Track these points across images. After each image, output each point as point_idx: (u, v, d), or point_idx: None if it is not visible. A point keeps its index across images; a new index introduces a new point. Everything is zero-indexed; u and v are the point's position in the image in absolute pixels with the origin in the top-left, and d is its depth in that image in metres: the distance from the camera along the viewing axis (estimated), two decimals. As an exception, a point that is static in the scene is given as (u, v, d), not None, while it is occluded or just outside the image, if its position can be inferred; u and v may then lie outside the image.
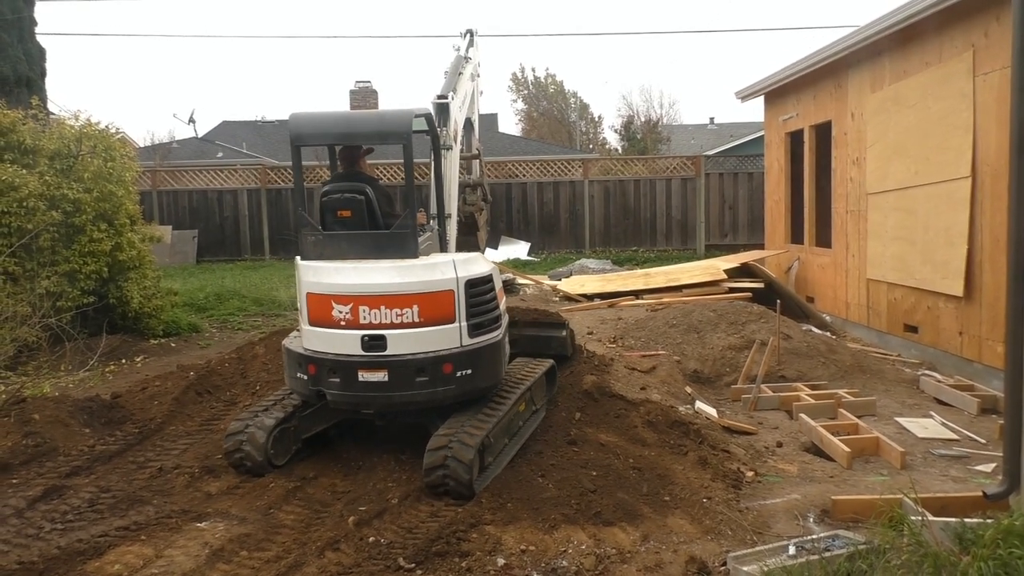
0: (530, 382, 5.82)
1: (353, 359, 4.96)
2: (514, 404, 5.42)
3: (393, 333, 4.92)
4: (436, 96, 6.00)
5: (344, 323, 4.97)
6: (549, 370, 6.30)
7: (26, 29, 15.28)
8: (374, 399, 5.02)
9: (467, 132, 6.92)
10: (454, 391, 5.04)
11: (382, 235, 5.20)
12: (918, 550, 3.53)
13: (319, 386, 5.10)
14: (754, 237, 18.77)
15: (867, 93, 10.39)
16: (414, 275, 4.98)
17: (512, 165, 21.08)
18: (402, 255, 5.08)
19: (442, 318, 4.98)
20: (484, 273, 5.31)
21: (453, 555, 4.21)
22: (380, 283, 4.94)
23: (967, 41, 8.10)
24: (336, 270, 5.07)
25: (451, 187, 5.99)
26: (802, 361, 8.38)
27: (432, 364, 4.95)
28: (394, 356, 4.93)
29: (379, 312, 4.91)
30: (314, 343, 5.14)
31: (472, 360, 5.07)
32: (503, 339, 5.45)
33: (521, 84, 50.07)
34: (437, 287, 4.98)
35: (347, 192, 5.29)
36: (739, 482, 5.42)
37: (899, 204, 9.54)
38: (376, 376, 4.93)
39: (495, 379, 5.37)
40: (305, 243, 5.25)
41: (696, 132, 43.51)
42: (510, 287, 13.68)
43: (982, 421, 6.92)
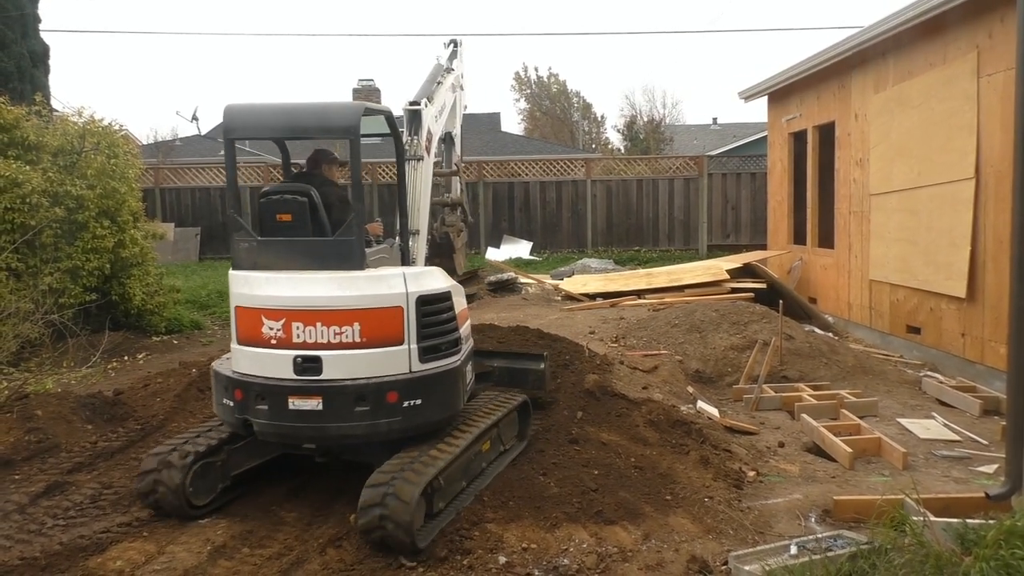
0: (496, 418, 5.15)
1: (284, 384, 4.35)
2: (474, 442, 4.82)
3: (330, 354, 4.33)
4: (408, 102, 5.58)
5: (275, 342, 4.38)
6: (522, 405, 5.60)
7: (30, 25, 15.32)
8: (305, 431, 4.39)
9: (447, 147, 6.56)
10: (400, 424, 4.42)
11: (322, 243, 4.57)
12: (920, 550, 3.53)
13: (245, 414, 4.48)
14: (757, 237, 18.75)
15: (871, 94, 10.38)
16: (356, 288, 4.39)
17: (515, 164, 21.07)
18: (346, 266, 4.47)
19: (388, 339, 4.39)
20: (440, 289, 4.74)
21: (455, 553, 4.21)
22: (316, 296, 4.37)
23: (971, 42, 8.09)
24: (268, 281, 4.49)
25: (420, 200, 5.41)
26: (804, 362, 8.38)
27: (374, 392, 4.33)
28: (330, 381, 4.33)
29: (314, 330, 4.33)
30: (242, 364, 4.53)
31: (423, 388, 4.46)
32: (462, 366, 4.81)
33: (524, 83, 50.10)
34: (382, 303, 4.39)
35: (288, 193, 4.67)
36: (741, 482, 5.43)
37: (902, 205, 9.54)
38: (309, 404, 4.31)
39: (450, 411, 4.74)
40: (237, 250, 4.69)
41: (699, 132, 43.50)
42: (512, 286, 13.71)
43: (984, 422, 6.92)
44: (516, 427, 5.57)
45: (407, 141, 5.37)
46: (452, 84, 6.37)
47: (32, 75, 15.22)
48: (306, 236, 4.57)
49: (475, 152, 27.51)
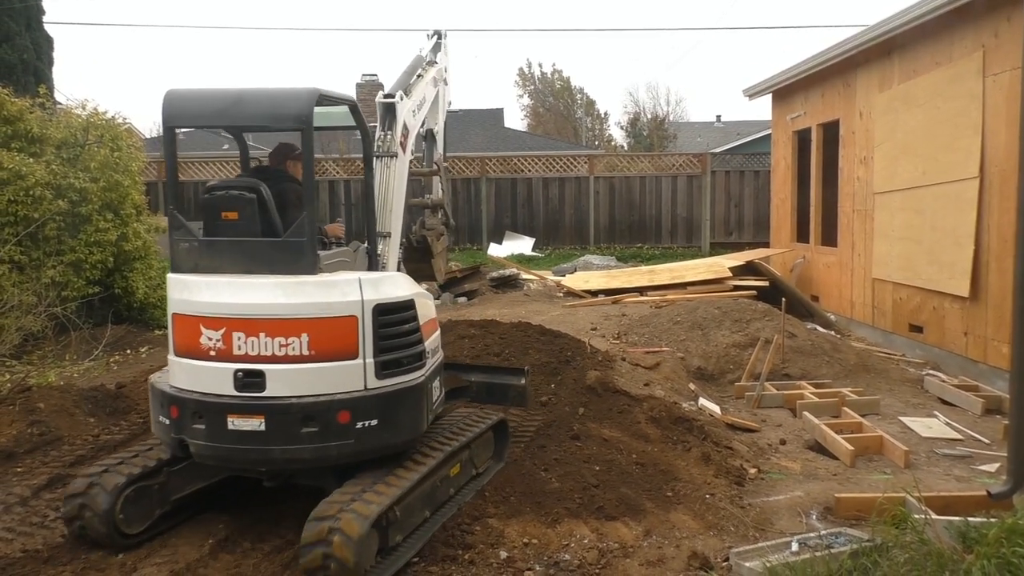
0: (467, 439, 4.76)
1: (222, 400, 3.92)
2: (440, 466, 4.42)
3: (274, 369, 3.89)
4: (382, 94, 5.21)
5: (214, 354, 3.95)
6: (498, 424, 5.20)
7: (34, 18, 15.32)
8: (246, 454, 3.95)
9: (429, 145, 6.24)
10: (352, 447, 3.97)
11: (270, 244, 4.11)
12: (921, 548, 3.54)
13: (182, 434, 4.04)
14: (759, 235, 18.75)
15: (875, 92, 10.36)
16: (304, 295, 3.95)
17: (518, 160, 21.06)
18: (296, 270, 4.03)
19: (340, 352, 3.96)
20: (401, 297, 4.30)
21: (456, 547, 4.22)
22: (259, 303, 3.92)
23: (977, 41, 8.07)
24: (207, 286, 4.05)
25: (392, 200, 5.00)
26: (806, 359, 8.38)
27: (323, 411, 3.90)
28: (274, 399, 3.89)
29: (257, 341, 3.88)
30: (179, 379, 4.11)
31: (379, 408, 4.03)
32: (427, 382, 4.36)
33: (528, 79, 50.06)
34: (334, 311, 3.95)
35: (235, 189, 4.26)
36: (742, 479, 5.43)
37: (906, 204, 9.52)
38: (250, 424, 3.88)
39: (412, 433, 4.28)
40: (177, 251, 4.25)
41: (703, 130, 43.48)
42: (514, 282, 13.70)
43: (986, 421, 6.92)
44: (492, 447, 5.18)
45: (380, 136, 5.01)
46: (434, 78, 6.01)
47: (36, 67, 15.22)
48: (255, 236, 4.13)
49: (478, 148, 27.51)
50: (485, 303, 12.44)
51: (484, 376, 5.70)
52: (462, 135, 29.94)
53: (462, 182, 20.35)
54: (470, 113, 33.78)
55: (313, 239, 4.08)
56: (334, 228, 5.06)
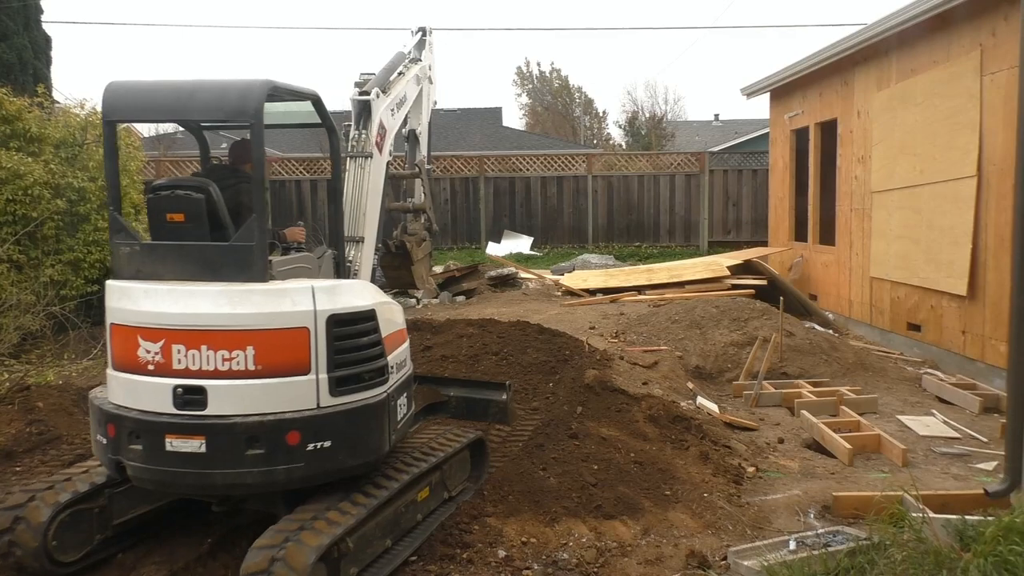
0: (437, 460, 4.45)
1: (161, 419, 3.61)
2: (403, 490, 4.13)
3: (216, 385, 3.58)
4: (357, 91, 4.97)
5: (153, 368, 3.63)
6: (475, 443, 4.96)
7: (32, 17, 15.28)
8: (186, 478, 3.62)
9: (411, 145, 5.99)
10: (303, 471, 3.66)
11: (215, 249, 3.80)
12: (919, 546, 3.54)
13: (119, 455, 3.72)
14: (758, 234, 18.75)
15: (873, 91, 10.37)
16: (250, 304, 3.63)
17: (516, 159, 21.05)
18: (244, 277, 3.71)
19: (289, 367, 3.65)
20: (360, 307, 3.95)
21: (455, 546, 4.23)
22: (200, 313, 3.60)
23: (975, 40, 8.08)
24: (146, 293, 3.73)
25: (366, 203, 4.77)
26: (804, 358, 8.39)
27: (270, 431, 3.58)
28: (216, 418, 3.58)
29: (198, 355, 3.57)
30: (117, 394, 3.81)
31: (333, 428, 3.72)
32: (390, 399, 4.05)
33: (526, 78, 50.04)
34: (282, 322, 3.64)
35: (181, 188, 3.96)
36: (740, 477, 5.44)
37: (904, 203, 9.53)
38: (189, 445, 3.56)
39: (371, 455, 3.95)
40: (117, 256, 3.94)
41: (701, 128, 43.46)
42: (512, 281, 13.71)
43: (984, 420, 6.93)
44: (468, 468, 4.90)
45: (354, 136, 4.81)
46: (417, 75, 5.75)
47: (34, 67, 15.19)
48: (203, 240, 3.84)
49: (476, 147, 27.51)
50: (483, 302, 12.45)
51: (464, 390, 5.42)
52: (460, 134, 29.94)
53: (460, 181, 20.35)
54: (468, 112, 33.77)
55: (263, 244, 3.75)
56: (294, 232, 4.75)
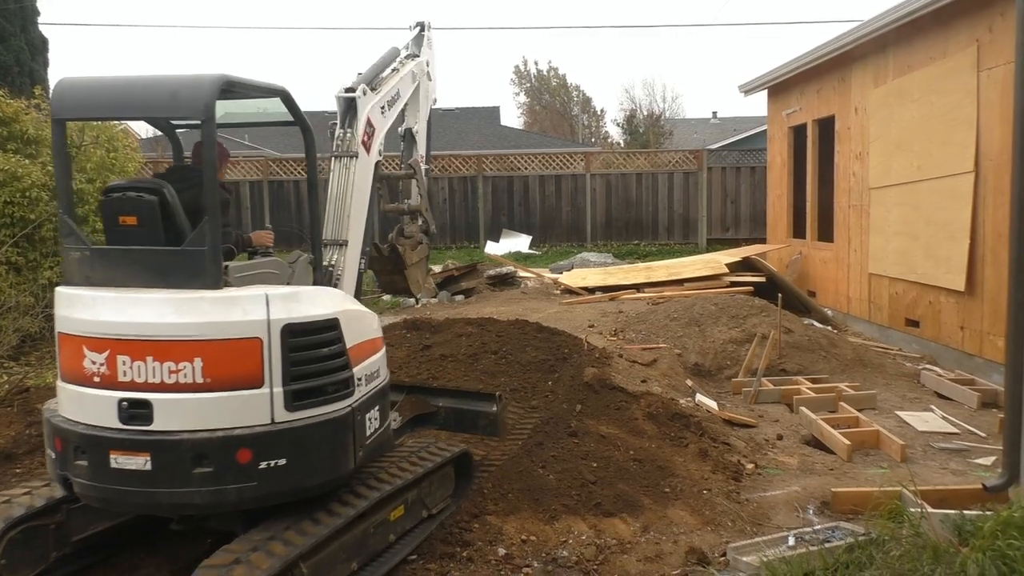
0: (413, 476, 4.20)
1: (106, 434, 3.41)
2: (371, 511, 3.89)
3: (162, 398, 3.38)
4: (343, 88, 4.78)
5: (98, 380, 3.44)
6: (459, 458, 4.70)
7: (29, 19, 15.30)
8: (131, 496, 3.43)
9: (407, 144, 5.80)
10: (255, 491, 3.44)
11: (166, 254, 3.60)
12: (917, 541, 3.55)
13: (66, 471, 3.56)
14: (756, 231, 18.76)
15: (871, 88, 10.38)
16: (197, 313, 3.41)
17: (514, 158, 21.05)
18: (197, 284, 3.51)
19: (240, 379, 3.43)
20: (320, 316, 3.70)
21: (455, 544, 4.24)
22: (145, 322, 3.40)
23: (971, 36, 8.09)
24: (91, 301, 3.54)
25: (350, 205, 4.59)
26: (803, 355, 8.39)
27: (219, 449, 3.38)
28: (162, 434, 3.37)
29: (144, 366, 3.38)
30: (66, 407, 3.64)
31: (288, 445, 3.50)
32: (355, 414, 3.81)
33: (524, 77, 50.06)
34: (233, 332, 3.42)
35: (134, 190, 3.74)
36: (739, 474, 5.45)
37: (902, 199, 9.54)
38: (134, 462, 3.37)
39: (331, 474, 3.71)
40: (68, 261, 3.76)
41: (699, 126, 43.50)
42: (511, 280, 13.71)
43: (982, 415, 6.94)
44: (451, 485, 4.66)
45: (339, 134, 4.65)
46: (412, 72, 5.55)
47: (31, 68, 15.21)
48: (157, 245, 3.64)
49: (474, 146, 27.52)
50: (482, 301, 12.46)
51: (453, 401, 5.24)
52: (458, 133, 29.94)
53: (458, 180, 20.35)
54: (466, 111, 33.77)
55: (216, 249, 3.52)
56: (260, 236, 4.57)
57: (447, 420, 5.24)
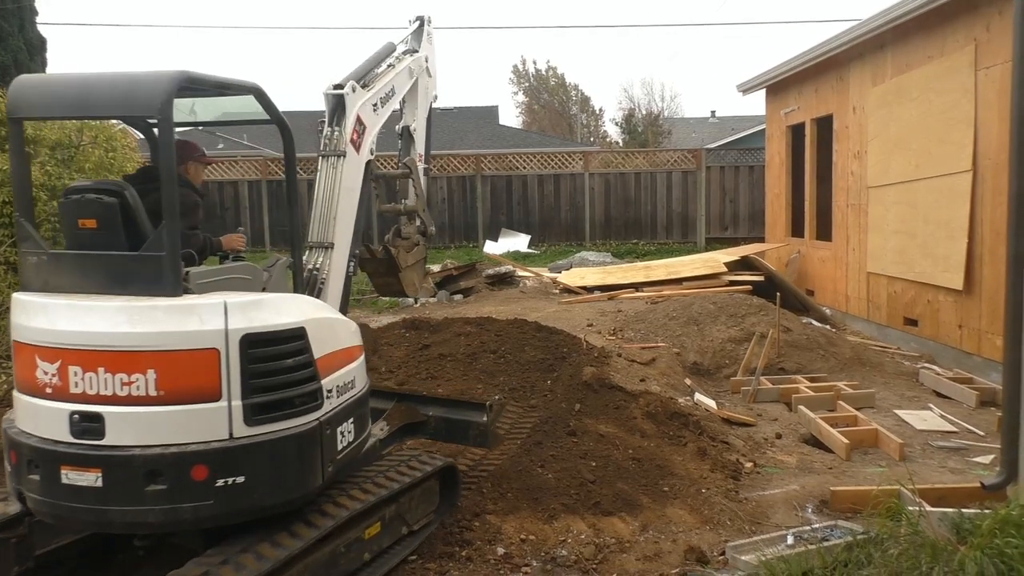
0: (389, 492, 4.00)
1: (57, 448, 3.26)
2: (340, 528, 3.69)
3: (114, 412, 3.21)
4: (332, 84, 4.61)
5: (50, 391, 3.30)
6: (444, 471, 4.50)
7: (27, 18, 15.26)
8: (82, 513, 3.27)
9: (405, 142, 5.64)
10: (212, 510, 3.26)
11: (124, 259, 3.43)
12: (916, 540, 3.55)
13: (19, 484, 3.43)
14: (755, 230, 18.78)
15: (869, 87, 10.38)
16: (151, 322, 3.24)
17: (513, 158, 21.06)
18: (155, 291, 3.34)
19: (196, 393, 3.25)
20: (283, 326, 3.49)
21: (454, 544, 4.24)
22: (97, 331, 3.23)
23: (969, 35, 8.09)
24: (44, 309, 3.39)
25: (337, 206, 4.43)
26: (802, 354, 8.40)
27: (173, 465, 3.20)
28: (113, 449, 3.21)
29: (96, 377, 3.22)
30: (21, 418, 3.50)
31: (248, 461, 3.31)
32: (323, 427, 3.61)
33: (522, 76, 50.02)
34: (187, 343, 3.24)
35: (93, 192, 3.56)
36: (738, 473, 5.45)
37: (900, 198, 9.55)
38: (85, 478, 3.22)
39: (296, 491, 3.51)
40: (25, 265, 3.62)
41: (697, 125, 43.49)
42: (510, 279, 13.71)
43: (980, 414, 6.95)
44: (435, 499, 4.49)
45: (327, 133, 4.51)
46: (410, 68, 5.35)
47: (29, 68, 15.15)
48: (118, 249, 3.46)
49: (473, 146, 27.49)
50: (481, 300, 12.46)
51: (443, 410, 5.05)
52: (457, 132, 29.92)
53: (457, 180, 20.35)
54: (465, 110, 33.75)
55: (174, 254, 3.34)
56: (231, 240, 4.41)
57: (437, 429, 5.05)
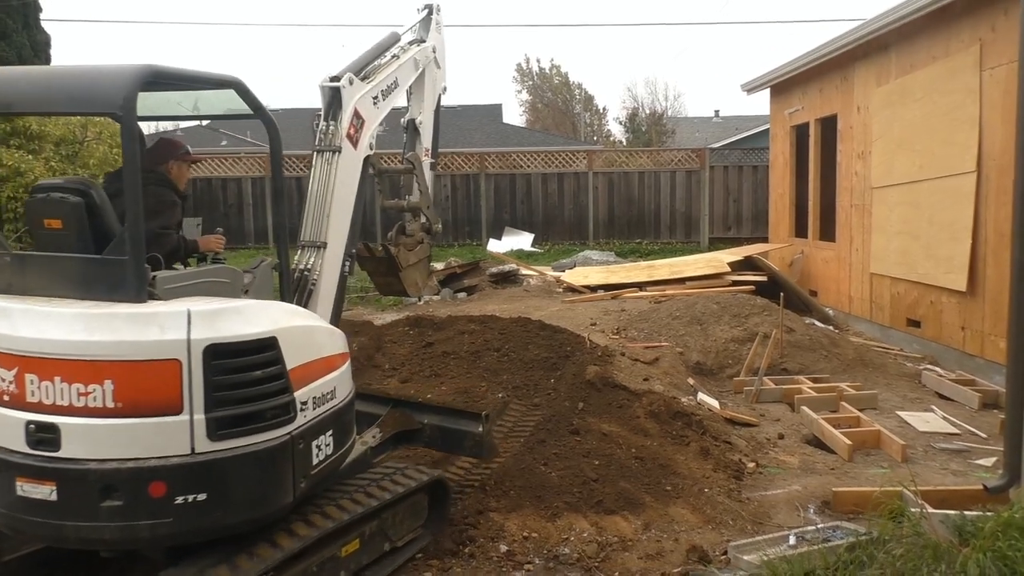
0: (367, 509, 3.80)
1: (12, 458, 3.12)
2: (318, 545, 3.54)
3: (71, 423, 3.05)
4: (328, 76, 4.41)
5: (7, 399, 3.16)
6: (432, 485, 4.31)
7: (31, 15, 15.31)
8: (37, 527, 3.15)
9: (410, 137, 5.45)
10: (171, 528, 3.10)
11: (86, 262, 3.30)
12: (918, 541, 3.56)
13: None
14: (758, 230, 18.77)
15: (873, 87, 10.37)
16: (110, 330, 3.06)
17: (516, 156, 21.06)
18: (117, 296, 3.18)
19: (155, 405, 3.08)
20: (253, 335, 3.28)
21: (457, 541, 4.25)
22: (53, 339, 3.07)
23: (974, 35, 8.08)
24: (4, 312, 3.24)
25: (330, 203, 4.25)
26: (804, 354, 8.40)
27: (129, 481, 3.03)
28: (69, 461, 3.04)
29: (52, 387, 3.06)
30: None
31: (210, 478, 3.14)
32: (295, 442, 3.41)
33: (526, 75, 50.03)
34: (147, 353, 3.06)
35: (60, 191, 3.43)
36: (740, 473, 5.46)
37: (904, 198, 9.55)
38: (40, 491, 3.08)
39: (263, 510, 3.33)
40: None
41: (701, 125, 43.46)
42: (513, 278, 13.72)
43: (983, 416, 6.94)
44: (423, 514, 4.30)
45: (322, 127, 4.34)
46: (415, 59, 5.15)
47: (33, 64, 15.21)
48: (84, 251, 3.33)
49: (477, 144, 27.50)
50: (484, 298, 12.47)
51: (439, 418, 4.89)
52: (461, 131, 29.93)
53: (461, 178, 20.37)
54: (468, 109, 33.74)
55: (138, 258, 3.18)
56: (209, 241, 4.24)
57: (432, 438, 4.89)
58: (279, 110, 36.48)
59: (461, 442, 4.81)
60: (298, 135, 26.38)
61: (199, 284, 3.61)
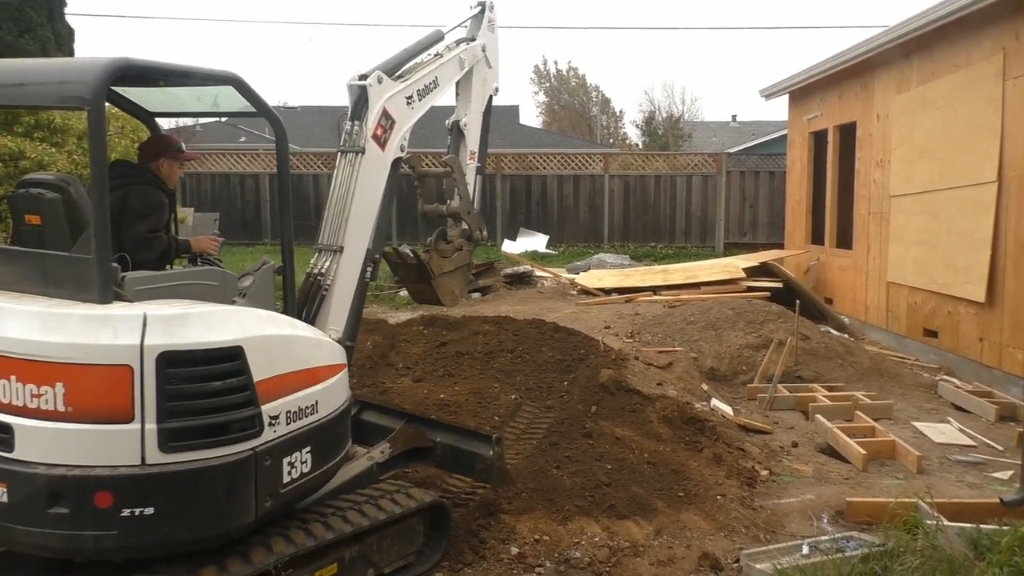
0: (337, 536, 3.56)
1: None
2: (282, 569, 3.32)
3: (24, 424, 2.98)
4: (357, 74, 4.23)
5: None
6: (433, 508, 4.12)
7: (55, 9, 15.44)
8: None
9: (454, 139, 5.21)
10: (117, 541, 2.96)
11: (52, 260, 3.25)
12: (933, 554, 3.55)
13: None
14: (774, 236, 18.69)
15: (893, 94, 10.31)
16: (64, 331, 2.98)
17: (533, 158, 21.08)
18: (82, 296, 3.10)
19: (106, 412, 2.95)
20: (215, 344, 3.13)
21: (468, 542, 4.26)
22: (10, 337, 3.02)
23: (997, 44, 8.02)
24: None
25: (350, 207, 4.09)
26: (819, 362, 8.36)
27: (74, 488, 2.92)
28: (21, 463, 2.97)
29: (8, 386, 3.00)
30: None
31: (160, 491, 2.99)
32: (259, 458, 3.23)
33: (543, 76, 50.03)
34: (98, 357, 2.95)
35: (40, 187, 3.41)
36: (753, 480, 5.44)
37: (922, 207, 9.48)
38: None
39: (216, 528, 3.15)
40: None
41: (718, 129, 43.32)
42: (527, 279, 13.72)
43: (1000, 428, 6.88)
44: (418, 539, 4.09)
45: (348, 127, 4.19)
46: (460, 58, 4.90)
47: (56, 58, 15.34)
48: (62, 248, 3.26)
49: (493, 144, 27.46)
50: (499, 299, 12.48)
51: (451, 438, 4.69)
52: (477, 131, 30.00)
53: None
54: (485, 109, 33.80)
55: (106, 258, 3.09)
56: (202, 241, 4.14)
57: (444, 458, 4.68)
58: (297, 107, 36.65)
59: (472, 464, 4.63)
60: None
61: (179, 287, 3.50)
